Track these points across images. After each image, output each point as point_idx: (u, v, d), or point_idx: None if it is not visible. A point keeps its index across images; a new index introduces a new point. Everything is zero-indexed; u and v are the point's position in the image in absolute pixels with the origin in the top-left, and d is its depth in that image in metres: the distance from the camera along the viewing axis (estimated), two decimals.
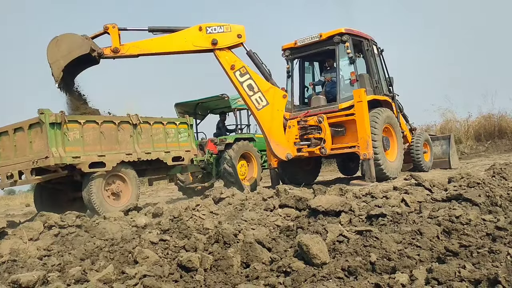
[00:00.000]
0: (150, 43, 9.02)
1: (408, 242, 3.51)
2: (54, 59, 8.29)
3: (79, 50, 8.32)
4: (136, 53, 8.88)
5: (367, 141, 9.40)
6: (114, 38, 8.64)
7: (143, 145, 9.09)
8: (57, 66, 8.27)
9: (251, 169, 12.04)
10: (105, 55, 8.61)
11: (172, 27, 9.27)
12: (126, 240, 4.82)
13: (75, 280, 3.44)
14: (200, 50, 9.41)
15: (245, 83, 9.52)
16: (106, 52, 8.62)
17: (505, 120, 19.46)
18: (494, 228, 3.63)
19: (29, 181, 8.29)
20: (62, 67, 8.26)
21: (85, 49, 8.32)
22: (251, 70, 9.65)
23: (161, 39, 9.12)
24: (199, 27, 9.27)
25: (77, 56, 8.30)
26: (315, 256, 3.29)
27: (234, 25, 9.60)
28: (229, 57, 9.53)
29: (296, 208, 5.54)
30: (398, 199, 5.31)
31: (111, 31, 8.64)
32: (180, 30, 9.24)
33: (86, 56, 8.42)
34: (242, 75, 9.51)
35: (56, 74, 8.28)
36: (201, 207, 6.25)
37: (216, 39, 9.30)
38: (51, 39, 8.37)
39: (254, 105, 9.59)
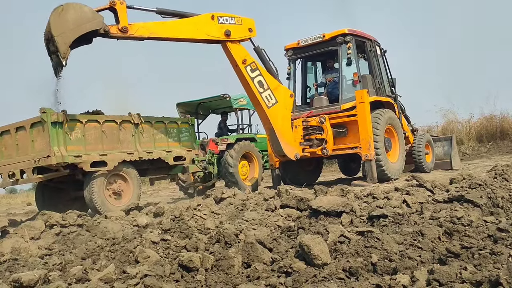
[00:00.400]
0: (162, 27, 8.16)
1: (410, 243, 3.51)
2: (59, 31, 7.14)
3: (90, 24, 7.33)
4: (145, 35, 7.97)
5: (369, 142, 9.39)
6: (122, 15, 7.64)
7: (144, 144, 9.10)
8: (63, 40, 7.16)
9: (252, 169, 12.04)
10: (111, 33, 7.63)
11: (181, 12, 8.53)
12: (127, 239, 4.82)
13: (76, 279, 3.45)
14: (212, 40, 8.83)
15: (255, 79, 9.18)
16: (113, 30, 7.63)
17: (507, 121, 19.43)
18: (496, 229, 3.62)
19: (31, 180, 8.30)
20: (70, 42, 7.23)
21: (96, 24, 7.37)
22: (260, 66, 9.36)
23: (173, 24, 8.32)
24: (211, 16, 8.64)
25: (87, 31, 7.34)
26: (316, 256, 3.28)
27: (245, 18, 9.20)
28: (240, 50, 9.11)
29: (297, 209, 5.54)
30: (400, 200, 5.30)
31: (118, 7, 7.63)
32: (190, 16, 8.55)
33: (92, 32, 7.47)
34: (253, 70, 9.15)
35: (62, 49, 7.15)
36: (202, 207, 6.25)
37: (229, 30, 8.78)
38: (55, 8, 7.27)
39: (265, 102, 9.30)
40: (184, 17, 8.48)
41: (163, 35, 8.22)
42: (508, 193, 4.84)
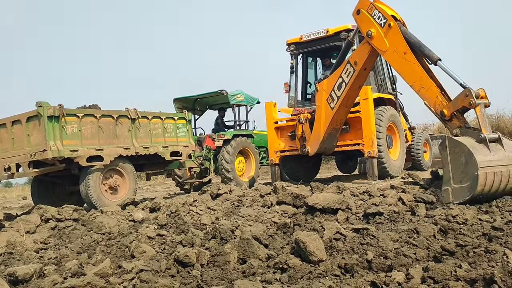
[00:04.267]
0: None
1: (405, 240, 3.52)
2: None
3: None
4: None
5: (372, 139, 9.36)
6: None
7: (141, 139, 9.07)
8: None
9: (249, 165, 12.04)
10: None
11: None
12: (123, 234, 4.82)
13: (72, 273, 3.44)
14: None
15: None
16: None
17: (503, 121, 19.50)
18: (491, 228, 3.65)
19: (27, 174, 8.27)
20: None
21: None
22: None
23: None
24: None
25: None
26: (312, 253, 3.29)
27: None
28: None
29: (293, 205, 5.55)
30: (395, 197, 5.32)
31: None
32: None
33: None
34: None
35: None
36: (199, 202, 6.26)
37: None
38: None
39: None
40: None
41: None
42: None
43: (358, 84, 8.45)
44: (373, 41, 7.29)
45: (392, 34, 6.92)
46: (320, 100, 9.10)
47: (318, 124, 9.25)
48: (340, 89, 8.45)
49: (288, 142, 10.69)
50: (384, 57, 7.38)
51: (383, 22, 7.09)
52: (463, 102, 5.57)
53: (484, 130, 5.41)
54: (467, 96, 5.50)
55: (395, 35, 6.86)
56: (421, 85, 6.29)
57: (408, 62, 6.59)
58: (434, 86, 6.11)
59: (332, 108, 8.75)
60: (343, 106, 8.72)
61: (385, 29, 7.02)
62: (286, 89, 11.26)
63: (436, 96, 5.99)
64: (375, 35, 7.21)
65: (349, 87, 8.28)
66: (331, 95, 8.72)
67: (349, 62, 8.17)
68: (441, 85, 6.06)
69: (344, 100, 8.55)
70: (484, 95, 5.62)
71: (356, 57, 8.06)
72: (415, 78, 6.42)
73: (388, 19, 6.98)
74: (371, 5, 7.34)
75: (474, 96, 5.49)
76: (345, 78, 8.30)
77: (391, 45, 6.95)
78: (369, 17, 7.33)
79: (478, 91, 5.60)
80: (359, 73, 8.04)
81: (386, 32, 7.02)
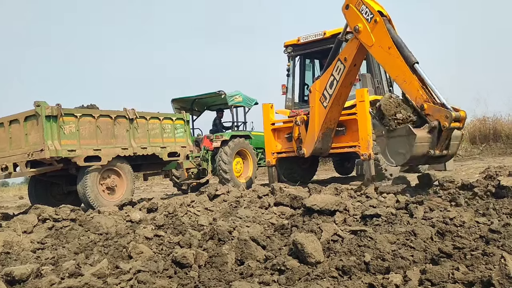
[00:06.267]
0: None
1: (402, 242, 3.53)
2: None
3: None
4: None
5: (368, 141, 9.39)
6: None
7: (139, 140, 9.07)
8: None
9: (247, 166, 12.05)
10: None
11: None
12: (120, 234, 4.82)
13: (69, 274, 3.44)
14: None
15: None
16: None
17: (500, 124, 19.56)
18: (488, 230, 3.65)
19: (24, 174, 8.26)
20: None
21: None
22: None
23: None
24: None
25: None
26: (310, 254, 3.30)
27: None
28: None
29: (291, 207, 5.56)
30: (393, 199, 5.34)
31: None
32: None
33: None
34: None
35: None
36: (196, 203, 6.26)
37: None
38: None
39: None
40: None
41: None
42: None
43: (349, 81, 8.58)
44: (360, 36, 7.45)
45: (378, 30, 7.07)
46: (313, 101, 9.19)
47: (312, 124, 9.30)
48: (332, 87, 8.59)
49: (285, 143, 10.71)
50: (370, 51, 7.50)
51: (370, 17, 7.23)
52: (441, 119, 5.85)
53: (437, 149, 5.91)
54: (447, 118, 5.76)
55: (381, 31, 7.01)
56: (403, 79, 6.48)
57: (392, 56, 6.75)
58: (415, 81, 6.27)
59: (325, 107, 8.85)
60: (335, 104, 8.82)
61: (372, 24, 7.17)
62: (283, 91, 11.28)
63: (417, 90, 6.17)
64: (362, 30, 7.36)
65: (341, 84, 8.41)
66: (324, 94, 8.83)
67: (339, 59, 8.32)
68: (423, 80, 6.20)
69: (336, 97, 8.66)
70: (463, 118, 5.92)
71: (345, 54, 8.22)
72: (398, 72, 6.60)
73: (375, 14, 7.12)
74: (359, 1, 7.48)
75: (454, 119, 5.77)
76: (336, 76, 8.44)
77: (376, 40, 7.10)
78: (357, 12, 7.47)
79: (460, 113, 5.84)
80: (349, 69, 8.19)
81: (372, 27, 7.17)
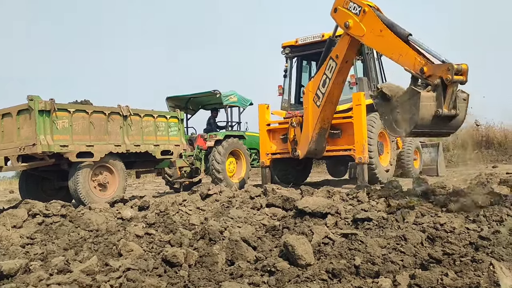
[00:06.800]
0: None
1: (393, 247, 3.54)
2: None
3: None
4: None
5: (363, 145, 9.41)
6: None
7: (132, 137, 9.03)
8: None
9: (240, 166, 12.03)
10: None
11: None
12: (111, 232, 4.80)
13: (58, 270, 3.41)
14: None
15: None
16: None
17: (493, 131, 19.74)
18: (478, 237, 3.67)
19: (15, 168, 8.19)
20: None
21: None
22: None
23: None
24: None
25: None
26: (300, 257, 3.30)
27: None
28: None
29: (283, 208, 5.56)
30: (384, 204, 5.35)
31: None
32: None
33: None
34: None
35: None
36: (188, 202, 6.25)
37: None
38: None
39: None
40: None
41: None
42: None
43: (342, 78, 8.69)
44: (351, 30, 7.59)
45: (368, 18, 7.22)
46: (306, 102, 9.27)
47: (306, 125, 9.33)
48: (325, 85, 8.71)
49: (279, 144, 10.73)
50: (363, 41, 7.57)
51: (359, 10, 7.40)
52: (443, 73, 5.74)
53: (445, 107, 5.73)
54: (448, 71, 5.64)
55: (370, 18, 7.16)
56: (399, 53, 6.51)
57: (385, 37, 6.83)
58: (411, 51, 6.29)
59: (319, 106, 8.92)
60: (329, 103, 8.88)
61: (361, 15, 7.34)
62: (280, 92, 11.31)
63: (414, 58, 6.19)
64: (352, 25, 7.52)
65: (333, 82, 8.53)
66: (317, 94, 8.91)
67: (331, 57, 8.45)
68: (419, 51, 6.20)
69: (329, 96, 8.75)
70: (465, 71, 5.75)
71: (337, 51, 8.34)
72: (393, 49, 6.64)
73: (363, 6, 7.29)
74: (346, 0, 7.69)
75: (455, 71, 5.64)
76: (329, 74, 8.57)
77: (368, 28, 7.22)
78: (346, 11, 7.66)
79: (461, 66, 5.73)
80: (341, 66, 8.31)
81: (362, 18, 7.33)
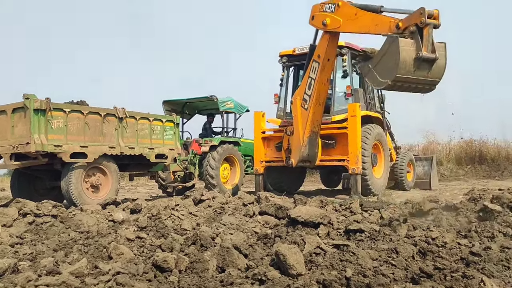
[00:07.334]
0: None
1: (384, 260, 3.53)
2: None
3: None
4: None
5: (357, 156, 9.45)
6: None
7: (127, 139, 9.01)
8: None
9: (234, 173, 12.02)
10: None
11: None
12: (101, 234, 4.76)
13: (47, 271, 3.38)
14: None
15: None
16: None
17: (486, 147, 19.86)
18: (469, 253, 3.68)
19: (8, 166, 8.15)
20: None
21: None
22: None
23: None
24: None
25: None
26: (291, 266, 3.28)
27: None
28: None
29: (275, 216, 5.55)
30: (377, 215, 5.36)
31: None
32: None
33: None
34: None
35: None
36: (181, 207, 6.22)
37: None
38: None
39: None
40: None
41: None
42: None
43: (326, 77, 8.88)
44: (329, 27, 8.00)
45: (342, 8, 7.70)
46: (295, 110, 9.41)
47: (297, 131, 9.40)
48: (311, 87, 8.92)
49: (274, 152, 10.74)
50: (341, 30, 7.94)
51: (333, 7, 7.86)
52: (416, 19, 6.04)
53: (424, 49, 6.01)
54: (421, 14, 5.94)
55: (345, 8, 7.63)
56: (375, 24, 6.88)
57: (360, 18, 7.27)
58: (385, 17, 6.68)
59: (307, 109, 9.05)
60: (316, 104, 9.00)
61: (336, 10, 7.81)
62: (276, 100, 11.33)
63: (389, 21, 6.58)
64: (329, 21, 7.93)
65: (317, 82, 8.74)
66: (304, 98, 9.08)
67: (313, 59, 8.75)
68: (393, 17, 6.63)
69: (316, 97, 8.92)
70: (437, 16, 6.09)
71: (318, 51, 8.67)
72: (369, 23, 7.01)
73: (336, 1, 7.76)
74: (321, 4, 8.14)
75: (427, 15, 5.96)
76: (313, 76, 8.82)
77: (343, 17, 7.66)
78: (322, 13, 8.08)
79: (433, 11, 6.04)
80: (323, 64, 8.58)
81: (337, 12, 7.80)
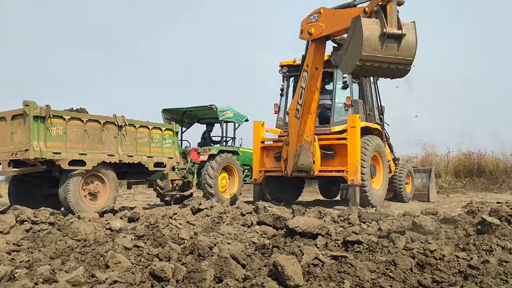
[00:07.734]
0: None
1: (382, 272, 3.53)
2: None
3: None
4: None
5: (356, 167, 9.45)
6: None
7: (126, 147, 9.01)
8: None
9: (232, 182, 12.01)
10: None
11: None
12: (99, 242, 4.75)
13: (44, 279, 3.36)
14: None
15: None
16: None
17: (484, 159, 19.88)
18: (467, 266, 3.67)
19: (6, 173, 8.13)
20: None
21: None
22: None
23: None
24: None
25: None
26: (289, 277, 3.27)
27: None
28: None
29: (273, 227, 5.54)
30: (375, 227, 5.35)
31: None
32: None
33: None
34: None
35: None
36: (179, 216, 6.20)
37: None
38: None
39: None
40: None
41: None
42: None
43: (315, 86, 8.96)
44: (313, 35, 8.26)
45: (324, 15, 8.03)
46: (291, 121, 9.43)
47: (292, 142, 9.43)
48: (301, 96, 8.99)
49: (273, 162, 10.74)
50: (325, 33, 8.10)
51: (317, 16, 8.18)
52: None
53: (389, 25, 6.26)
54: None
55: (326, 13, 7.99)
56: (350, 17, 7.09)
57: (337, 15, 7.67)
58: (358, 9, 6.98)
59: (298, 118, 9.05)
60: (306, 113, 9.09)
61: (319, 17, 8.14)
62: (276, 110, 11.36)
63: (359, 10, 6.87)
64: (313, 30, 8.23)
65: (307, 90, 8.84)
66: (297, 108, 9.19)
67: (303, 69, 8.93)
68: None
69: (306, 105, 8.98)
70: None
71: (307, 61, 8.83)
72: (345, 18, 7.30)
73: (319, 10, 8.13)
74: (307, 17, 8.44)
75: None
76: (303, 85, 8.94)
77: (325, 22, 7.98)
78: (308, 25, 8.38)
79: None
80: (311, 73, 8.70)
81: (319, 19, 8.13)
